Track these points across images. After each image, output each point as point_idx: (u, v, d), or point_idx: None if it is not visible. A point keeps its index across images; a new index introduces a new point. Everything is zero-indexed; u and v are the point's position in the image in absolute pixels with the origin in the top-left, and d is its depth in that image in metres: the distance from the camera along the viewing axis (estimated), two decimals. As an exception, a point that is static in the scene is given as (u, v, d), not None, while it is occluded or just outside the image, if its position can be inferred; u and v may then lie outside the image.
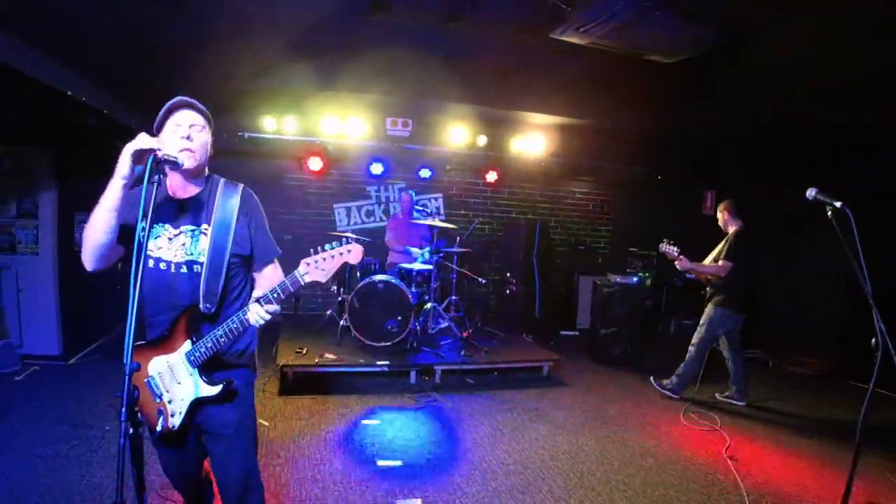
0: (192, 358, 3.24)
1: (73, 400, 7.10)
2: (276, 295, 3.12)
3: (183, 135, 3.22)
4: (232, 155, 10.71)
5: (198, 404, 3.28)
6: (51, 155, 8.55)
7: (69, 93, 6.53)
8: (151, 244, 3.28)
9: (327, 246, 3.18)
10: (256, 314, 3.12)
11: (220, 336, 3.19)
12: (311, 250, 3.18)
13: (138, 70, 7.00)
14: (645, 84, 8.76)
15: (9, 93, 6.47)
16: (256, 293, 3.17)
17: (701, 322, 8.19)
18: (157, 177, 2.90)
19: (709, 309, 8.16)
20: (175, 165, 3.10)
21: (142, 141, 2.97)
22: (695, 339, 8.23)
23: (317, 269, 3.15)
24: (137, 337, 2.66)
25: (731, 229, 8.14)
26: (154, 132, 3.25)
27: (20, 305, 8.57)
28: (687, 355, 8.28)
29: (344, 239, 3.28)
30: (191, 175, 3.33)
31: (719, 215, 8.32)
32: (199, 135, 3.29)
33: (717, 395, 8.45)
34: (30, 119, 7.86)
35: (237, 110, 10.63)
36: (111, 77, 7.12)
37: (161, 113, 3.25)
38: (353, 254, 3.21)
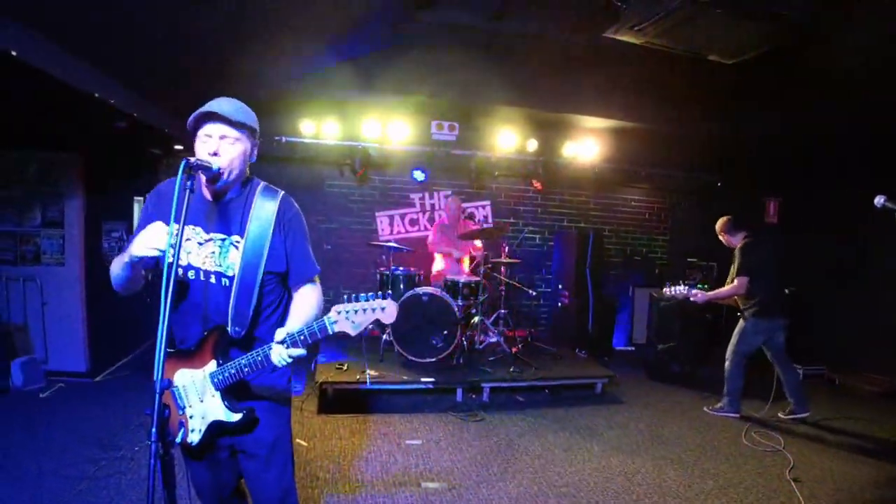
0: (215, 380, 3.16)
1: (101, 418, 7.16)
2: (302, 338, 2.99)
3: (210, 150, 3.09)
4: (268, 160, 10.68)
5: (220, 426, 3.21)
6: (78, 161, 8.59)
7: (97, 94, 6.50)
8: (182, 249, 3.19)
9: (362, 296, 3.02)
10: (279, 356, 3.02)
11: (244, 366, 3.09)
12: (345, 296, 3.02)
13: (170, 71, 7.00)
14: (704, 86, 8.64)
15: (31, 94, 6.45)
16: (279, 334, 3.03)
17: (733, 335, 8.16)
18: (190, 182, 2.86)
19: (740, 322, 8.17)
20: (209, 171, 3.05)
21: (154, 241, 2.96)
22: (728, 353, 8.24)
23: (347, 320, 2.99)
24: (168, 346, 2.68)
25: (736, 245, 8.14)
26: (190, 138, 3.18)
27: (45, 319, 8.63)
28: (725, 372, 8.25)
29: (378, 293, 3.06)
30: (224, 185, 3.21)
31: (721, 238, 8.39)
32: (231, 148, 3.15)
33: (780, 414, 8.30)
34: (55, 123, 7.88)
35: (274, 113, 10.66)
36: (142, 78, 7.12)
37: (190, 120, 3.12)
38: (387, 313, 3.02)
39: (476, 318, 9.67)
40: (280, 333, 3.02)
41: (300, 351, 3.01)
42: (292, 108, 10.68)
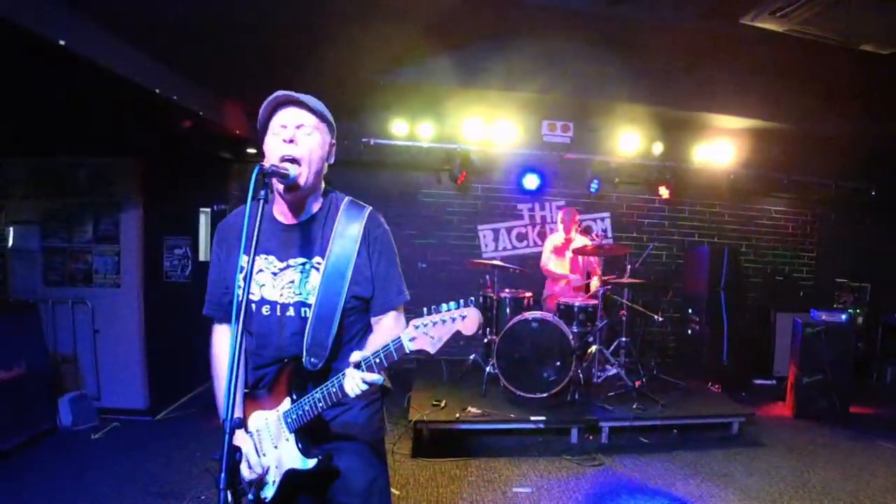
0: (289, 420, 3.11)
1: (162, 463, 7.21)
2: (377, 360, 2.83)
3: (286, 137, 3.05)
4: (354, 165, 10.82)
5: (295, 475, 3.12)
6: (136, 167, 8.62)
7: (157, 90, 6.51)
8: (253, 282, 3.21)
9: (443, 306, 2.81)
10: (353, 383, 2.87)
11: (318, 400, 3.01)
12: (425, 308, 2.83)
13: (241, 63, 7.03)
14: (856, 80, 8.40)
15: (81, 90, 6.43)
16: (354, 357, 2.87)
17: None
18: (263, 192, 2.82)
19: None
20: (286, 179, 2.99)
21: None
22: None
23: (425, 335, 2.79)
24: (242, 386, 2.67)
25: None
26: (259, 136, 3.18)
27: (97, 349, 8.67)
28: None
29: (461, 301, 2.84)
30: (301, 193, 3.15)
31: None
32: (308, 139, 3.10)
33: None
34: (110, 123, 7.83)
35: (361, 112, 10.74)
36: (210, 72, 7.16)
37: (262, 112, 3.10)
38: (468, 322, 2.77)
39: (593, 348, 9.55)
40: (355, 356, 2.88)
41: (376, 376, 2.85)
42: (382, 107, 10.71)
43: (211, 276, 3.46)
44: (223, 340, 3.47)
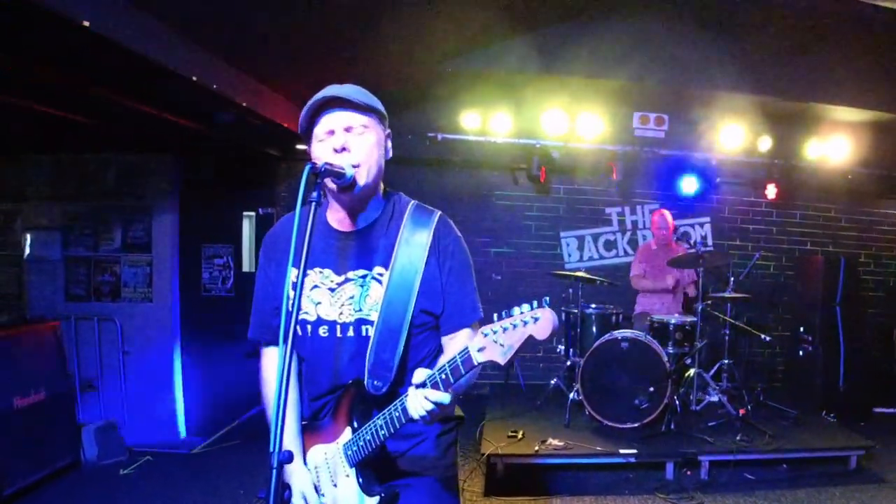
0: (349, 453, 3.03)
1: (200, 502, 7.17)
2: (443, 377, 2.68)
3: (337, 145, 2.93)
4: (418, 164, 10.84)
5: None
6: (170, 165, 8.64)
7: (194, 77, 6.34)
8: (306, 299, 3.12)
9: (514, 309, 2.58)
10: (417, 403, 2.73)
11: (380, 427, 2.89)
12: (495, 314, 2.62)
13: (292, 47, 6.97)
14: None
15: (108, 77, 6.25)
16: (418, 375, 2.75)
17: None
18: (315, 194, 2.72)
19: None
20: (341, 179, 2.87)
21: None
22: None
23: (494, 343, 2.57)
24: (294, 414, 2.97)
25: None
26: (303, 133, 3.08)
27: (126, 372, 8.65)
28: None
29: (533, 303, 2.58)
30: (360, 195, 3.04)
31: None
32: (361, 139, 2.98)
33: None
34: (139, 116, 7.50)
35: (427, 103, 10.71)
36: (255, 57, 7.08)
37: (302, 119, 3.02)
38: (541, 324, 2.50)
39: (692, 371, 9.38)
40: (419, 375, 2.75)
41: (442, 395, 2.68)
42: (451, 98, 10.66)
43: (257, 295, 3.40)
44: (274, 365, 3.39)
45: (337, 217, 3.17)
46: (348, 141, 2.94)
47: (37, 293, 8.70)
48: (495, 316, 2.61)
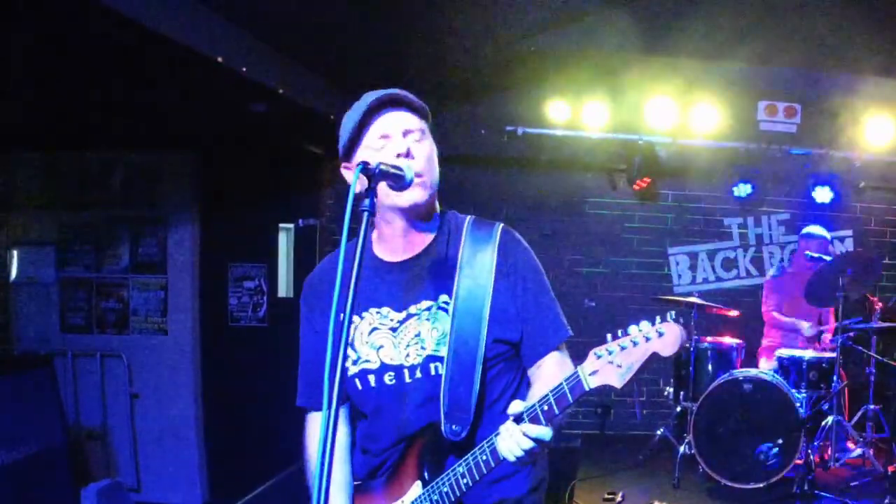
0: None
1: None
2: (545, 408, 2.56)
3: (400, 151, 2.83)
4: (494, 163, 10.82)
5: None
6: (190, 166, 8.58)
7: (219, 59, 6.23)
8: (366, 346, 3.06)
9: (631, 328, 2.51)
10: (512, 441, 2.60)
11: (462, 475, 2.77)
12: (609, 335, 2.54)
13: (340, 26, 6.93)
14: None
15: (116, 60, 6.23)
16: (515, 406, 2.63)
17: None
18: (368, 201, 2.49)
19: None
20: (399, 182, 2.69)
21: None
22: None
23: (609, 364, 2.50)
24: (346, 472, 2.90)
25: None
26: (344, 149, 3.02)
27: (136, 420, 8.54)
28: None
29: (657, 319, 2.52)
30: (416, 215, 3.00)
31: None
32: (421, 147, 2.93)
33: None
34: (155, 105, 7.54)
35: (505, 90, 10.68)
36: (295, 35, 7.04)
37: (347, 122, 2.95)
38: (667, 339, 2.45)
39: (829, 419, 9.12)
40: (515, 406, 2.62)
41: (543, 430, 2.55)
42: (533, 84, 10.63)
43: (305, 354, 3.36)
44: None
45: (387, 247, 3.15)
46: (411, 145, 2.89)
47: (26, 323, 8.66)
48: (609, 336, 2.55)
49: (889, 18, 8.49)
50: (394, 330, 3.04)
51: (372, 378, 3.04)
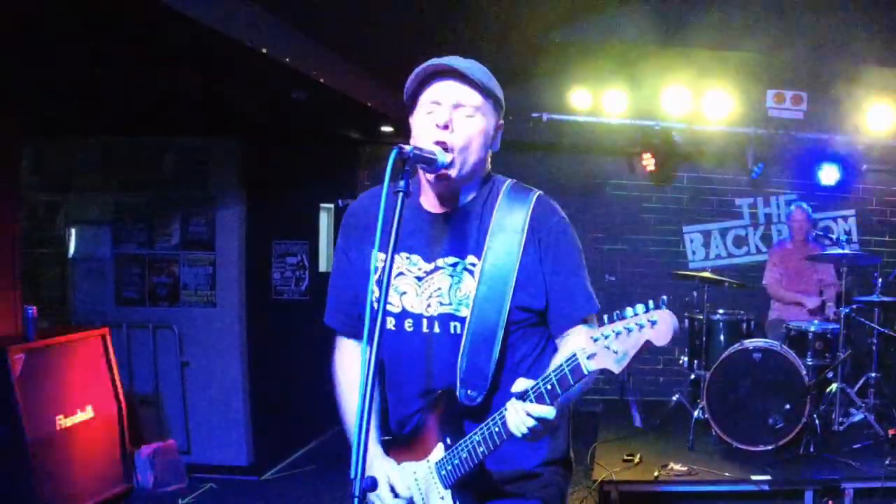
0: (442, 472, 2.88)
1: None
2: (548, 387, 2.51)
3: (440, 121, 2.81)
4: (520, 148, 10.84)
5: None
6: (236, 150, 8.62)
7: (264, 50, 6.13)
8: (391, 288, 2.98)
9: (628, 310, 2.41)
10: (517, 419, 2.57)
11: (478, 443, 2.75)
12: (606, 316, 2.46)
13: (377, 15, 6.90)
14: None
15: (163, 49, 6.17)
16: (519, 384, 2.60)
17: None
18: (403, 182, 2.57)
19: None
20: (432, 166, 2.77)
21: None
22: None
23: (606, 349, 2.40)
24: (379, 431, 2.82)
25: None
26: (407, 110, 3.02)
27: (186, 387, 8.61)
28: None
29: (649, 303, 2.41)
30: (452, 185, 2.96)
31: None
32: (468, 123, 2.86)
33: None
34: (201, 94, 7.53)
35: (531, 79, 10.80)
36: (333, 26, 6.97)
37: (409, 84, 2.93)
38: (659, 329, 2.35)
39: (834, 386, 9.31)
40: (519, 384, 2.61)
41: (545, 409, 2.52)
42: (558, 73, 10.78)
43: (336, 279, 3.36)
44: (352, 363, 3.31)
45: (428, 199, 3.08)
46: (454, 119, 2.84)
47: (83, 297, 8.72)
48: (606, 318, 2.47)
49: (888, 12, 8.63)
50: (419, 279, 3.02)
51: (391, 321, 3.02)
